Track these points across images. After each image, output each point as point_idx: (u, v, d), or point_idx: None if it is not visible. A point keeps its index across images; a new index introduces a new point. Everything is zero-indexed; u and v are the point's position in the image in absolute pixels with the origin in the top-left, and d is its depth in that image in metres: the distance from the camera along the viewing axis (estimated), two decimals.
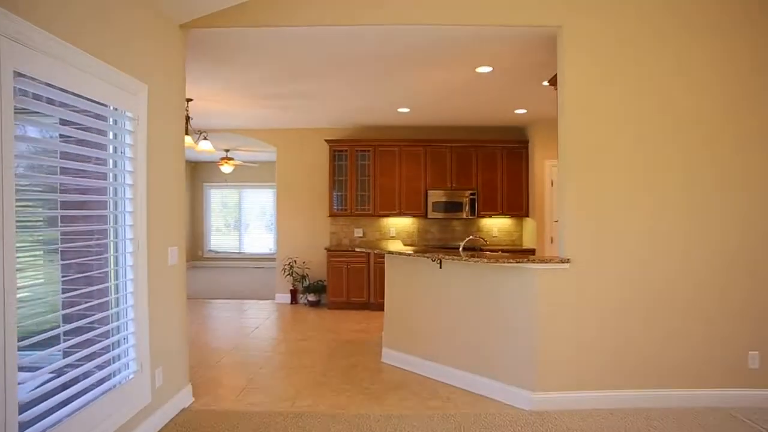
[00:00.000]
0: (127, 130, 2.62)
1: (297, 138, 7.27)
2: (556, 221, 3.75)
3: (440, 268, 3.81)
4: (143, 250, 2.73)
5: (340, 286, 6.68)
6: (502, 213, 6.91)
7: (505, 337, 3.41)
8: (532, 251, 6.63)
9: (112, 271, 2.61)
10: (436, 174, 6.87)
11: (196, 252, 11.88)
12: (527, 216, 6.92)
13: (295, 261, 7.19)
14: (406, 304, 4.21)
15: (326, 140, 6.89)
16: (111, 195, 2.62)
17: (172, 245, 3.17)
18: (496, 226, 7.23)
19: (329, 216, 6.97)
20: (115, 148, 2.63)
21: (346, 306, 6.71)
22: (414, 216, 6.95)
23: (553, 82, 3.66)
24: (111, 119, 2.59)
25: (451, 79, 4.53)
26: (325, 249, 6.73)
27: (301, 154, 7.28)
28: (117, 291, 2.63)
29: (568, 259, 3.17)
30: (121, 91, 2.54)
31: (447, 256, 3.52)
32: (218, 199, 11.94)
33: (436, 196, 6.82)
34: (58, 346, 2.14)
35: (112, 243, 2.62)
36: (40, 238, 2.29)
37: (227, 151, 9.64)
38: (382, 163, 6.87)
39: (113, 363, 2.53)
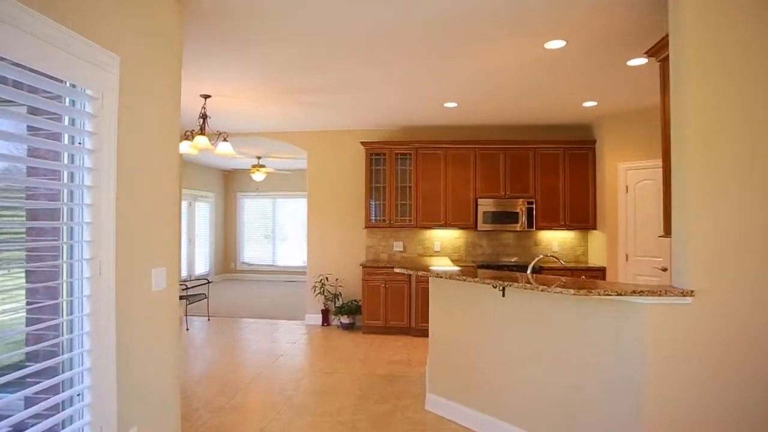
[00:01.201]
0: (87, 114, 1.95)
1: (329, 141, 6.59)
2: (662, 236, 2.81)
3: (503, 296, 2.94)
4: (108, 274, 2.04)
5: (376, 307, 5.89)
6: (564, 225, 5.93)
7: (598, 395, 2.50)
8: (601, 270, 5.60)
9: (65, 303, 1.93)
10: (487, 180, 5.99)
11: (228, 264, 11.42)
12: (594, 228, 5.91)
13: (326, 278, 6.46)
14: (456, 340, 3.36)
15: (362, 142, 6.16)
16: (65, 201, 1.95)
17: (157, 266, 2.48)
18: (556, 240, 6.25)
19: (365, 228, 6.22)
20: (72, 138, 1.97)
21: (384, 331, 5.90)
22: (462, 228, 6.08)
23: (657, 51, 2.75)
24: (67, 99, 1.94)
25: (511, 60, 3.69)
26: (361, 265, 5.96)
27: (334, 159, 6.59)
28: (71, 330, 1.95)
29: (692, 292, 2.23)
30: (80, 63, 1.87)
31: (514, 283, 2.65)
32: (252, 209, 11.47)
33: (487, 205, 5.93)
34: None
35: (65, 265, 1.94)
36: None
37: (259, 158, 9.12)
38: (425, 168, 6.06)
39: None
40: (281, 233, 11.32)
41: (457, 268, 3.60)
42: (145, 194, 2.34)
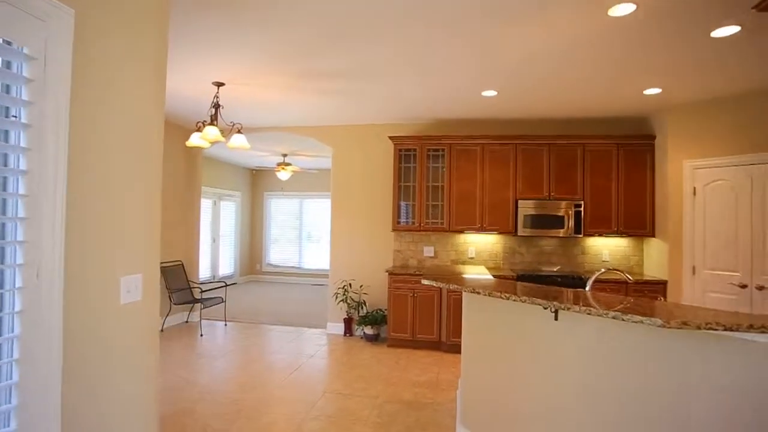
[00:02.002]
0: (24, 79, 1.52)
1: (355, 135, 6.11)
2: None
3: (555, 319, 2.36)
4: (51, 283, 1.60)
5: (403, 318, 5.35)
6: (617, 231, 5.23)
7: None
8: (662, 284, 4.88)
9: None
10: (529, 179, 5.37)
11: (254, 265, 11.13)
12: (652, 236, 5.18)
13: (350, 284, 5.97)
14: (494, 365, 2.79)
15: (390, 137, 5.65)
16: None
17: (130, 272, 2.04)
18: (607, 247, 5.55)
19: (393, 230, 5.70)
20: (6, 109, 1.54)
21: (411, 344, 5.35)
22: (499, 233, 5.47)
23: None
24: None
25: (565, 34, 3.10)
26: (387, 272, 5.44)
27: (361, 155, 6.10)
28: None
29: None
30: (16, 13, 1.44)
31: (572, 306, 2.07)
32: (279, 210, 11.14)
33: (528, 207, 5.30)
34: None
35: None
36: None
37: (284, 155, 8.75)
38: (459, 166, 5.49)
39: None
40: (308, 235, 10.93)
41: (492, 278, 3.02)
42: (112, 186, 1.90)
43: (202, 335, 5.75)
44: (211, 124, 4.22)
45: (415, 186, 5.59)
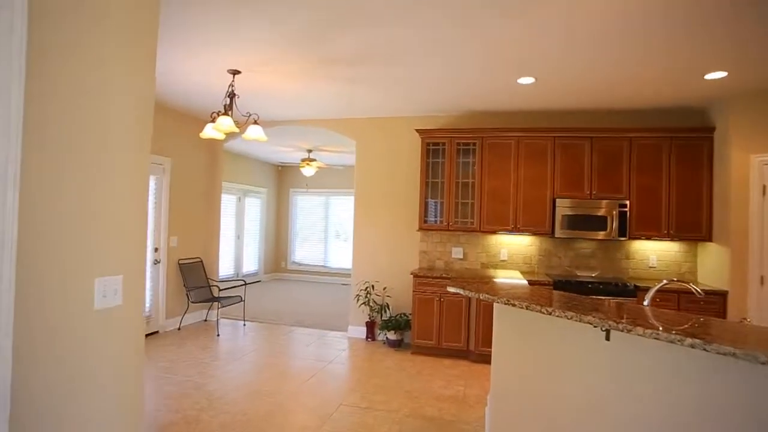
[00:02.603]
0: None
1: (380, 128, 5.78)
2: None
3: (607, 339, 1.96)
4: (2, 288, 1.33)
5: (428, 324, 4.99)
6: (668, 234, 4.71)
7: None
8: (721, 296, 4.34)
9: None
10: (568, 176, 4.91)
11: (279, 263, 10.97)
12: (708, 240, 4.64)
13: (372, 286, 5.65)
14: (529, 385, 2.41)
15: (417, 130, 5.29)
16: None
17: (107, 273, 1.77)
18: (654, 252, 5.03)
19: (419, 230, 5.34)
20: None
21: (436, 352, 4.99)
22: (534, 234, 5.04)
23: None
24: None
25: (614, 9, 2.67)
26: (412, 274, 5.09)
27: (386, 150, 5.76)
28: None
29: None
30: None
31: (632, 326, 1.67)
32: (305, 207, 10.94)
33: (567, 207, 4.85)
34: None
35: None
36: None
37: (309, 151, 8.51)
38: (491, 161, 5.08)
39: None
40: (337, 233, 10.68)
41: (527, 283, 2.62)
42: (85, 179, 1.63)
43: (218, 335, 5.55)
44: (225, 114, 3.97)
45: (444, 182, 5.22)
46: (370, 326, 5.61)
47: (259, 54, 3.70)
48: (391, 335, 5.29)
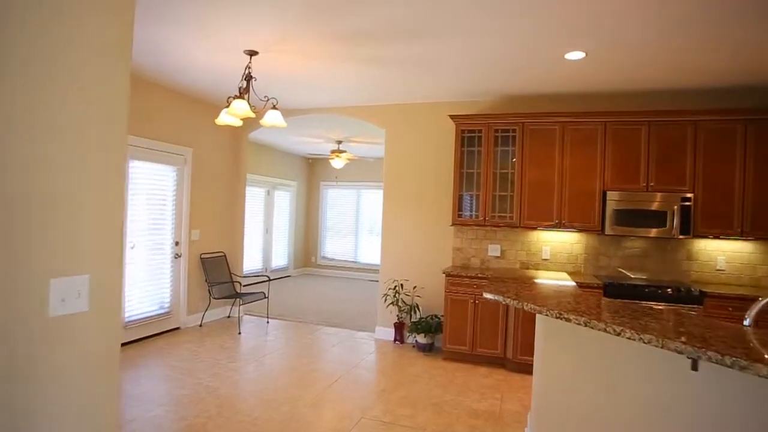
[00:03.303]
0: None
1: (410, 115, 5.36)
2: None
3: (694, 369, 1.51)
4: None
5: (461, 327, 4.57)
6: (741, 232, 4.09)
7: None
8: None
9: None
10: (621, 166, 4.35)
11: (309, 258, 10.76)
12: None
13: (402, 285, 5.27)
14: (580, 413, 1.97)
15: (451, 116, 4.85)
16: None
17: (68, 273, 1.46)
18: (723, 253, 4.41)
19: (453, 225, 4.90)
20: None
21: (470, 359, 4.56)
22: (581, 230, 4.52)
23: None
24: None
25: None
26: (444, 273, 4.68)
27: (417, 138, 5.35)
28: None
29: None
30: None
31: (750, 361, 1.22)
32: (336, 200, 10.66)
33: (619, 200, 4.30)
34: None
35: None
36: None
37: (339, 142, 8.19)
38: (533, 149, 4.59)
39: None
40: (371, 228, 10.35)
41: (575, 285, 2.18)
42: (36, 147, 1.32)
43: (240, 333, 5.31)
44: (241, 97, 3.67)
45: (480, 173, 4.76)
46: (399, 328, 5.24)
47: (277, 31, 3.36)
48: (421, 338, 4.90)
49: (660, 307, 3.96)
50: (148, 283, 4.95)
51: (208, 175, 5.72)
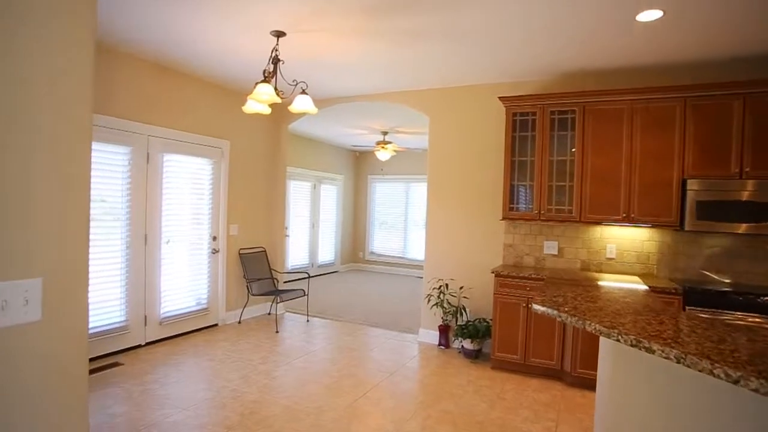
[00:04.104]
0: None
1: (456, 99, 4.90)
2: None
3: None
4: None
5: (512, 334, 4.09)
6: None
7: None
8: None
9: None
10: (706, 149, 3.68)
11: (356, 253, 10.53)
12: None
13: (447, 285, 4.85)
14: None
15: (501, 98, 4.35)
16: None
17: (6, 276, 1.22)
18: None
19: (503, 219, 4.42)
20: None
21: (522, 370, 4.08)
22: (655, 225, 3.89)
23: None
24: None
25: None
26: (493, 272, 4.21)
27: (462, 124, 4.89)
28: None
29: None
30: None
31: None
32: (384, 194, 10.34)
33: (703, 190, 3.64)
34: None
35: None
36: None
37: (385, 133, 7.84)
38: (596, 133, 4.01)
39: None
40: (414, 222, 9.96)
41: (647, 288, 1.68)
42: None
43: (277, 332, 5.12)
44: (266, 81, 3.40)
45: (534, 161, 4.24)
46: (444, 331, 4.83)
47: (307, 9, 3.05)
48: (468, 344, 4.46)
49: (757, 320, 3.30)
50: (184, 278, 4.86)
51: (247, 169, 5.57)
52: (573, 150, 4.09)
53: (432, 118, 5.05)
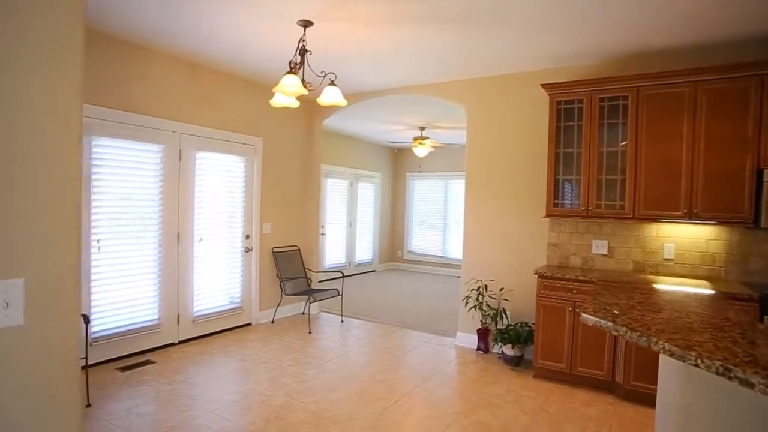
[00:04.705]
0: None
1: (494, 89, 4.61)
2: None
3: None
4: None
5: (557, 341, 3.77)
6: None
7: None
8: None
9: None
10: None
11: (395, 252, 10.34)
12: None
13: (486, 286, 4.56)
14: None
15: (544, 85, 4.03)
16: None
17: None
18: None
19: (547, 216, 4.09)
20: None
21: (568, 380, 3.75)
22: (723, 222, 3.47)
23: None
24: None
25: None
26: (536, 273, 3.90)
27: (501, 115, 4.59)
28: None
29: None
30: None
31: None
32: (423, 192, 10.09)
33: None
34: None
35: None
36: None
37: (422, 129, 7.60)
38: (652, 119, 3.61)
39: None
40: (454, 220, 9.65)
41: (712, 294, 1.38)
42: None
43: (310, 332, 5.00)
44: (292, 72, 3.26)
45: (581, 153, 3.89)
46: (483, 335, 4.55)
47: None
48: (508, 349, 4.17)
49: None
50: (217, 277, 4.82)
51: (280, 166, 5.49)
52: (623, 143, 3.71)
53: (469, 109, 4.78)
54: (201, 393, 3.36)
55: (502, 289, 4.54)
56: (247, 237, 5.11)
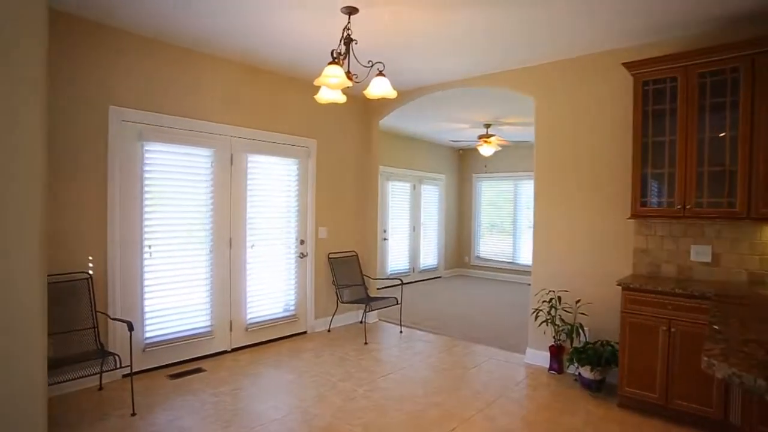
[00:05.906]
0: None
1: (566, 74, 4.06)
2: None
3: None
4: None
5: (648, 365, 3.16)
6: None
7: None
8: None
9: None
10: None
11: (462, 257, 9.84)
12: None
13: (559, 298, 4.01)
14: None
15: (626, 64, 3.44)
16: None
17: None
18: None
19: (632, 217, 3.49)
20: None
21: (661, 413, 3.12)
22: None
23: None
24: None
25: None
26: (619, 284, 3.32)
27: (576, 103, 4.03)
28: None
29: None
30: None
31: None
32: (490, 193, 9.52)
33: None
34: None
35: None
36: None
37: (487, 126, 7.10)
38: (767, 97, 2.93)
39: None
40: (525, 224, 8.99)
41: None
42: None
43: (366, 343, 4.72)
44: (334, 62, 3.00)
45: (675, 141, 3.26)
46: (556, 353, 4.00)
47: None
48: (586, 372, 3.60)
49: None
50: (271, 283, 4.69)
51: (335, 168, 5.29)
52: (733, 110, 3.04)
53: (537, 100, 4.27)
54: (244, 407, 3.18)
55: (578, 302, 3.96)
56: (302, 242, 4.94)
